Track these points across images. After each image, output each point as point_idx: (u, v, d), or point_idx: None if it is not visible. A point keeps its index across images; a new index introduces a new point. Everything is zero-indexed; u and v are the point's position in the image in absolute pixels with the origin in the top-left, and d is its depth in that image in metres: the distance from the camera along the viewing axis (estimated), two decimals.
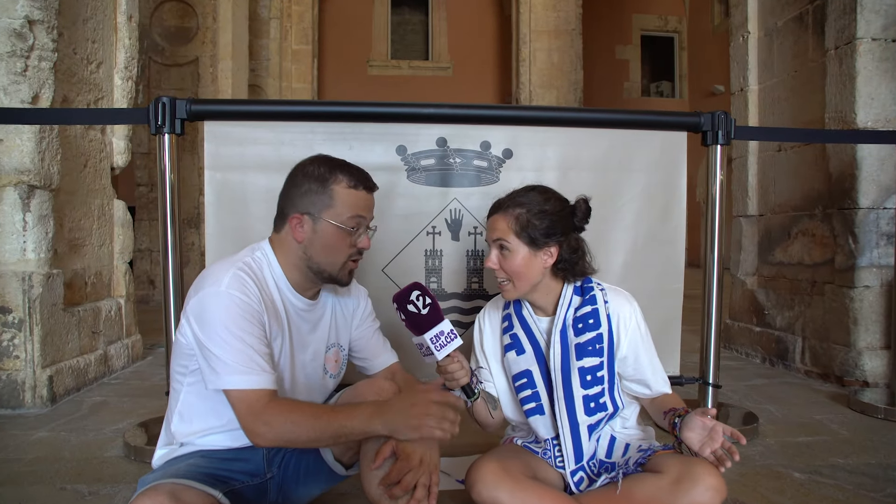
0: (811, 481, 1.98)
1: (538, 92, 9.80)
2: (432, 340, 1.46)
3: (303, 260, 1.48)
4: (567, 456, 1.59)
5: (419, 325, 1.47)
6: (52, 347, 2.77)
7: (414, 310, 1.47)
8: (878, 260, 3.09)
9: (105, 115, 3.20)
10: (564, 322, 1.61)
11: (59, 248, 2.97)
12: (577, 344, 1.59)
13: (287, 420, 1.30)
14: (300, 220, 1.46)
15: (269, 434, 1.30)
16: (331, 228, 1.45)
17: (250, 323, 1.35)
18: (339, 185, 1.46)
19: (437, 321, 1.47)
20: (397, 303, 1.49)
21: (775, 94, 3.82)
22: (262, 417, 1.29)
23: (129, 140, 3.71)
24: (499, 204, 1.63)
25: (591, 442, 1.60)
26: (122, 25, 3.61)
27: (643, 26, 14.39)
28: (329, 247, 1.47)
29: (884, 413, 2.65)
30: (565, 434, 1.59)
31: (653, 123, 2.52)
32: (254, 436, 1.31)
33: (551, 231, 1.57)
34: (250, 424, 1.30)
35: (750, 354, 3.94)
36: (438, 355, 1.47)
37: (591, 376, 1.58)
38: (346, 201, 1.46)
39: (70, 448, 2.24)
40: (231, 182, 2.26)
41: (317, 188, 1.45)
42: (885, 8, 3.04)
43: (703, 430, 1.42)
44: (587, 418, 1.58)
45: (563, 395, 1.58)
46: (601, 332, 1.60)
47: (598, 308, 1.62)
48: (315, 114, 2.33)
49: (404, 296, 1.48)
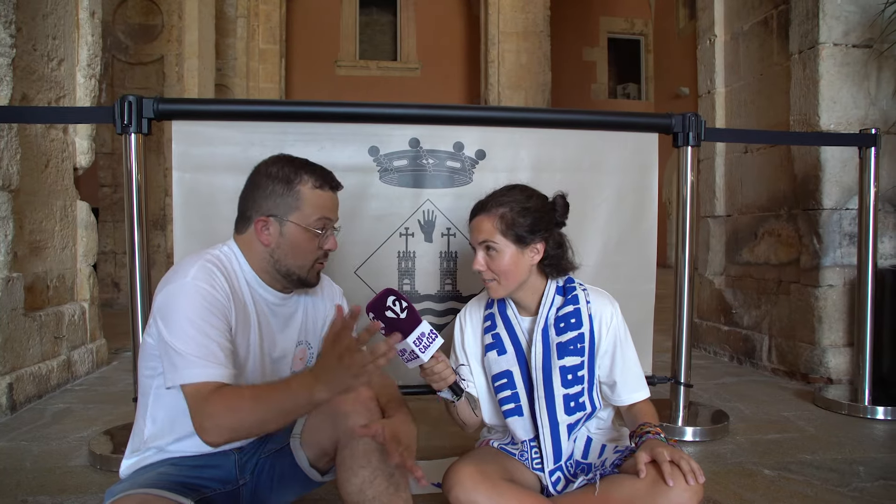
0: (781, 478, 2.01)
1: (507, 93, 9.85)
2: (416, 343, 1.43)
3: (270, 263, 1.45)
4: (546, 456, 1.59)
5: (400, 330, 1.43)
6: (11, 354, 2.68)
7: (392, 315, 1.43)
8: (842, 259, 3.16)
9: (69, 114, 3.11)
10: (546, 321, 1.62)
11: (20, 250, 2.87)
12: (558, 343, 1.59)
13: (227, 408, 1.21)
14: (266, 222, 1.43)
15: (214, 428, 1.21)
16: (298, 231, 1.43)
17: (214, 315, 1.31)
18: (304, 186, 1.43)
19: (417, 323, 1.45)
20: (373, 311, 1.43)
21: (742, 96, 3.89)
22: (206, 410, 1.21)
23: (93, 140, 3.62)
24: (481, 205, 1.62)
25: (569, 442, 1.60)
26: (85, 22, 3.52)
27: (610, 28, 14.55)
28: (296, 249, 1.44)
29: (847, 409, 2.71)
30: (545, 434, 1.58)
31: (625, 125, 2.53)
32: (202, 432, 1.22)
33: (536, 228, 1.58)
34: (197, 420, 1.22)
35: (718, 353, 4.01)
36: (424, 356, 1.44)
37: (572, 375, 1.58)
38: (312, 203, 1.43)
39: (32, 458, 2.17)
40: (199, 183, 2.21)
41: (282, 190, 1.42)
42: (846, 14, 3.11)
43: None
44: (567, 417, 1.58)
45: (543, 394, 1.58)
46: (583, 331, 1.60)
47: (581, 308, 1.62)
48: (286, 114, 2.30)
49: (380, 303, 1.44)
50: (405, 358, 1.46)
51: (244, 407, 1.22)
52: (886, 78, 3.15)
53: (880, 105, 3.17)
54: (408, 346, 1.43)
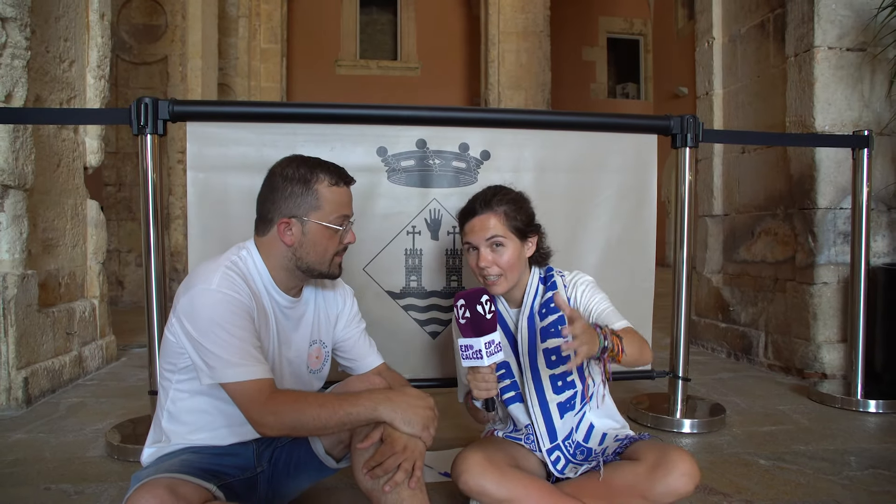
0: (776, 467, 2.09)
1: (507, 93, 9.91)
2: (486, 345, 1.50)
3: (291, 261, 1.50)
4: (541, 436, 1.67)
5: (480, 328, 1.51)
6: (26, 349, 2.75)
7: (480, 311, 1.52)
8: (836, 258, 3.24)
9: (86, 115, 3.18)
10: (532, 309, 1.72)
11: (33, 248, 2.94)
12: (542, 328, 1.69)
13: (294, 409, 1.33)
14: (288, 223, 1.48)
15: (276, 423, 1.32)
16: (319, 229, 1.49)
17: (242, 318, 1.38)
18: (321, 185, 1.48)
19: (493, 330, 1.53)
20: (465, 300, 1.53)
21: (739, 98, 3.96)
22: (269, 407, 1.32)
23: (102, 140, 3.68)
24: (480, 205, 1.69)
25: (563, 421, 1.68)
26: (95, 23, 3.58)
27: (609, 28, 14.61)
28: (318, 246, 1.50)
29: (840, 402, 2.79)
30: (536, 414, 1.68)
31: (624, 126, 2.60)
32: (260, 426, 1.33)
33: (531, 221, 1.71)
34: (256, 415, 1.33)
35: (716, 349, 4.08)
36: (486, 361, 1.50)
37: (556, 356, 1.67)
38: (331, 200, 1.49)
39: (51, 449, 2.24)
40: (213, 182, 2.28)
41: (300, 190, 1.48)
42: (840, 18, 3.18)
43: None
44: (556, 396, 1.67)
45: (531, 377, 1.68)
46: (563, 314, 1.67)
47: (559, 292, 1.71)
48: (296, 115, 2.36)
49: (475, 296, 1.53)
50: (466, 356, 1.52)
51: (309, 410, 1.33)
52: (880, 81, 3.22)
53: (874, 107, 3.24)
54: (478, 344, 1.50)
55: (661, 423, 2.52)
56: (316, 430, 1.39)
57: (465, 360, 1.52)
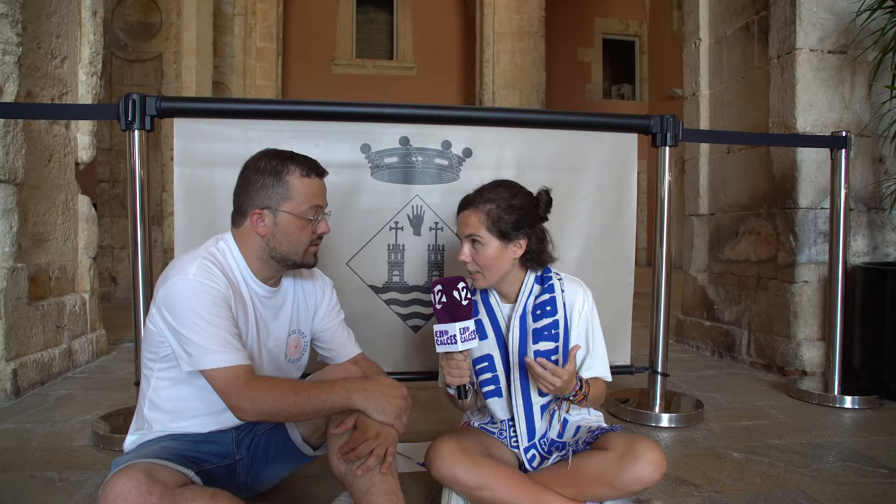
0: (748, 460, 2.13)
1: (501, 93, 9.95)
2: (461, 331, 1.54)
3: (266, 251, 1.55)
4: (521, 434, 1.70)
5: (455, 313, 1.56)
6: (15, 341, 2.79)
7: (456, 297, 1.56)
8: (816, 257, 3.28)
9: (75, 111, 3.22)
10: (525, 308, 1.73)
11: (24, 242, 2.97)
12: (534, 329, 1.70)
13: (270, 395, 1.37)
14: (260, 214, 1.52)
15: (253, 409, 1.37)
16: (291, 219, 1.53)
17: (219, 307, 1.42)
18: (292, 176, 1.52)
19: (468, 317, 1.57)
20: (442, 285, 1.57)
21: (725, 98, 4.01)
22: (246, 393, 1.36)
23: (94, 136, 3.71)
24: (469, 200, 1.71)
25: (542, 421, 1.71)
26: (87, 20, 3.61)
27: (605, 29, 14.65)
28: (291, 237, 1.54)
29: (817, 399, 2.84)
30: (519, 413, 1.70)
31: (605, 125, 2.64)
32: (238, 411, 1.38)
33: (520, 224, 1.68)
34: (234, 400, 1.37)
35: (701, 347, 4.13)
36: (460, 346, 1.54)
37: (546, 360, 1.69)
38: (302, 191, 1.53)
39: (37, 438, 2.28)
40: (200, 178, 2.31)
41: (272, 182, 1.52)
42: (822, 21, 3.23)
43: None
44: (540, 399, 1.70)
45: (518, 377, 1.70)
46: (557, 318, 1.71)
47: (556, 296, 1.73)
48: (282, 112, 2.40)
49: (452, 283, 1.57)
50: (440, 341, 1.57)
51: (284, 396, 1.38)
52: (860, 82, 3.27)
53: (854, 108, 3.29)
54: (453, 329, 1.54)
55: (639, 418, 2.57)
56: (292, 416, 1.44)
57: (440, 345, 1.56)
